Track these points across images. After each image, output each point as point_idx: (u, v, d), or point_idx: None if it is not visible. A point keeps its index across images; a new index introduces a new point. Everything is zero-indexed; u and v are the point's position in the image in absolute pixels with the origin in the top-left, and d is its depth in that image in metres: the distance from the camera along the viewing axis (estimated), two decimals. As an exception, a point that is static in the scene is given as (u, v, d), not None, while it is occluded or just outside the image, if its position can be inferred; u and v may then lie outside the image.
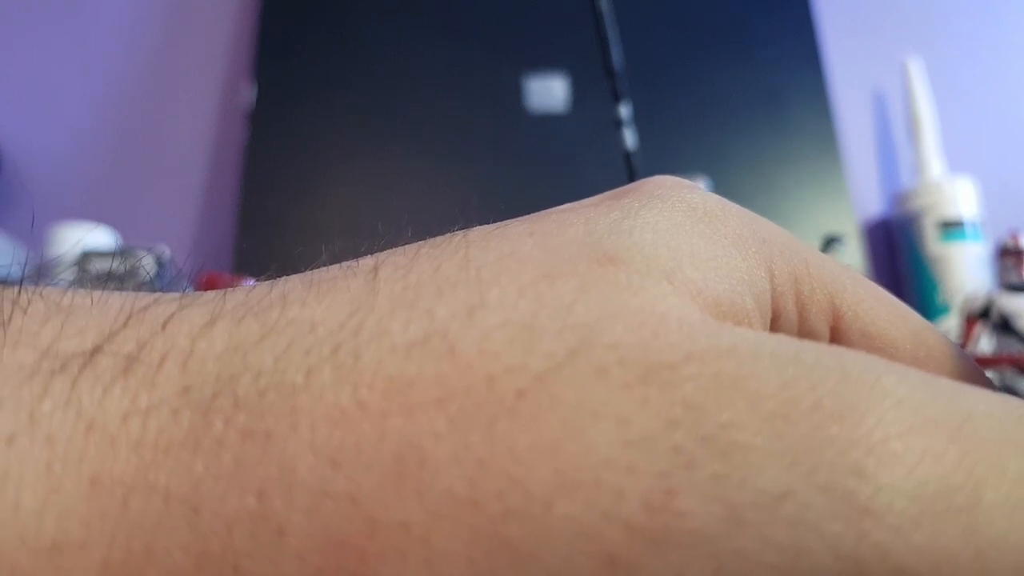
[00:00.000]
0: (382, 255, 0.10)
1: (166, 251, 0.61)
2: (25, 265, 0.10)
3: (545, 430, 0.08)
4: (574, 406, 0.08)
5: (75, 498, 0.07)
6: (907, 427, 0.08)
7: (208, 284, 0.54)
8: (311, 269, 0.10)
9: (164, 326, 0.09)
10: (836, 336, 0.12)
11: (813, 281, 0.12)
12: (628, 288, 0.09)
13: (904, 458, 0.07)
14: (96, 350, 0.08)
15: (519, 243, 0.09)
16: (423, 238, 0.11)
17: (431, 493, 0.07)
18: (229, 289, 0.09)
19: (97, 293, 0.09)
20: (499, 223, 0.10)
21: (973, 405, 0.08)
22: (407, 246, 0.10)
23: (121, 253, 0.58)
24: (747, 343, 0.08)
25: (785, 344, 0.08)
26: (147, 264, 0.54)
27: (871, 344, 0.12)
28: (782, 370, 0.08)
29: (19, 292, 0.09)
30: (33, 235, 0.68)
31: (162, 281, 0.55)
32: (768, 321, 0.11)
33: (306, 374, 0.08)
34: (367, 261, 0.10)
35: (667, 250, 0.09)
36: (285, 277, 0.10)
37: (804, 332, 0.12)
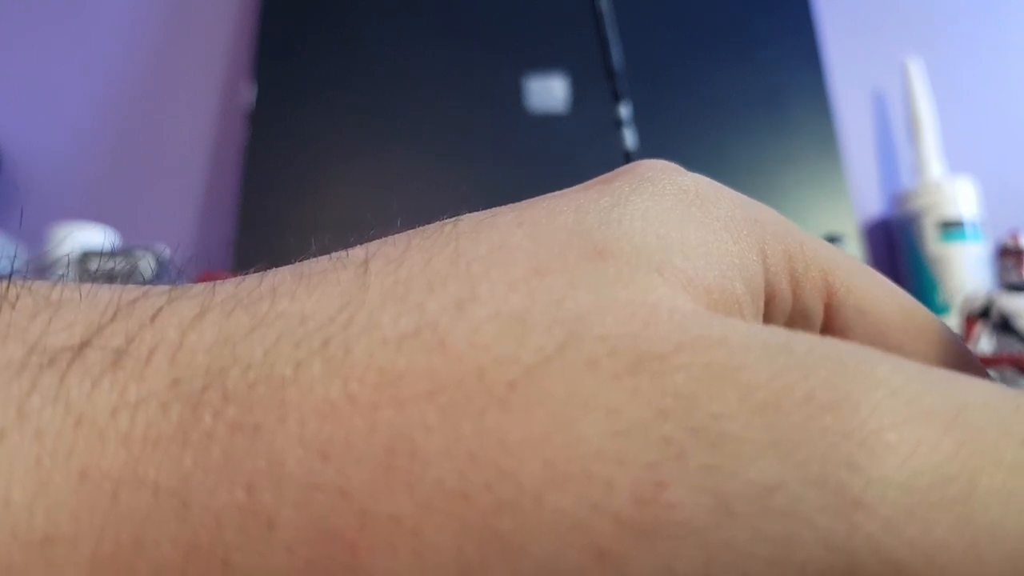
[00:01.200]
0: (372, 247, 0.10)
1: (166, 251, 0.61)
2: (14, 259, 0.09)
3: (535, 422, 0.08)
4: (564, 398, 0.08)
5: (65, 492, 0.07)
6: (901, 417, 0.08)
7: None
8: (300, 260, 0.10)
9: (153, 319, 0.08)
10: (830, 313, 0.12)
11: (807, 259, 0.12)
12: (618, 281, 0.09)
13: (898, 449, 0.07)
14: (84, 344, 0.08)
15: (508, 234, 0.09)
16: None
17: (422, 486, 0.07)
18: (218, 282, 0.09)
19: (86, 287, 0.09)
20: (489, 211, 0.10)
21: (969, 395, 0.08)
22: (397, 237, 0.10)
23: (121, 253, 0.58)
24: (738, 334, 0.08)
25: (777, 334, 0.08)
26: (147, 264, 0.54)
27: (864, 319, 0.12)
28: (773, 360, 0.08)
29: (7, 287, 0.09)
30: (33, 235, 0.68)
31: (162, 281, 0.55)
32: (760, 305, 0.11)
33: (295, 367, 0.08)
34: (357, 253, 0.10)
35: (656, 239, 0.09)
36: (275, 269, 0.10)
37: (798, 310, 0.12)
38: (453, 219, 0.10)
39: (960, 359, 0.13)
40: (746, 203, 0.11)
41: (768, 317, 0.11)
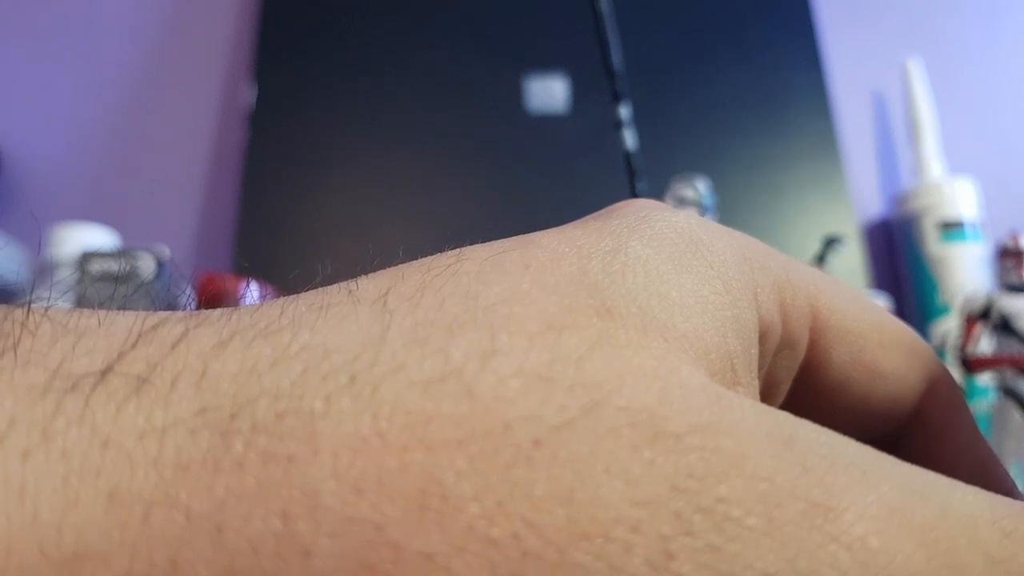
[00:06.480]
0: (382, 282, 0.10)
1: (166, 251, 0.61)
2: (32, 285, 0.10)
3: (560, 480, 0.08)
4: (587, 461, 0.08)
5: (94, 510, 0.07)
6: (885, 525, 0.08)
7: (207, 284, 0.54)
8: (308, 289, 0.10)
9: (174, 347, 0.09)
10: (815, 335, 0.13)
11: (794, 288, 0.12)
12: (628, 346, 0.09)
13: (878, 555, 0.08)
14: (107, 370, 0.08)
15: (517, 279, 0.10)
16: (420, 239, 0.11)
17: (454, 527, 0.08)
18: (234, 309, 0.10)
19: (103, 313, 0.09)
20: (490, 247, 0.11)
21: (950, 504, 0.09)
22: (405, 271, 0.10)
23: (121, 253, 0.58)
24: (746, 421, 0.09)
25: (781, 425, 0.09)
26: (147, 264, 0.54)
27: (845, 338, 0.13)
28: (777, 454, 0.09)
29: (27, 314, 0.09)
30: (33, 236, 0.68)
31: (162, 281, 0.55)
32: (753, 351, 0.11)
33: (325, 400, 0.08)
34: (369, 288, 0.10)
35: (659, 300, 0.10)
36: (289, 299, 0.10)
37: (786, 338, 0.12)
38: (456, 253, 0.11)
39: (931, 370, 0.14)
40: (735, 241, 0.12)
41: (760, 353, 0.12)
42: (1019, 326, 0.53)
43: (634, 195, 0.46)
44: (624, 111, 0.47)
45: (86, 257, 0.55)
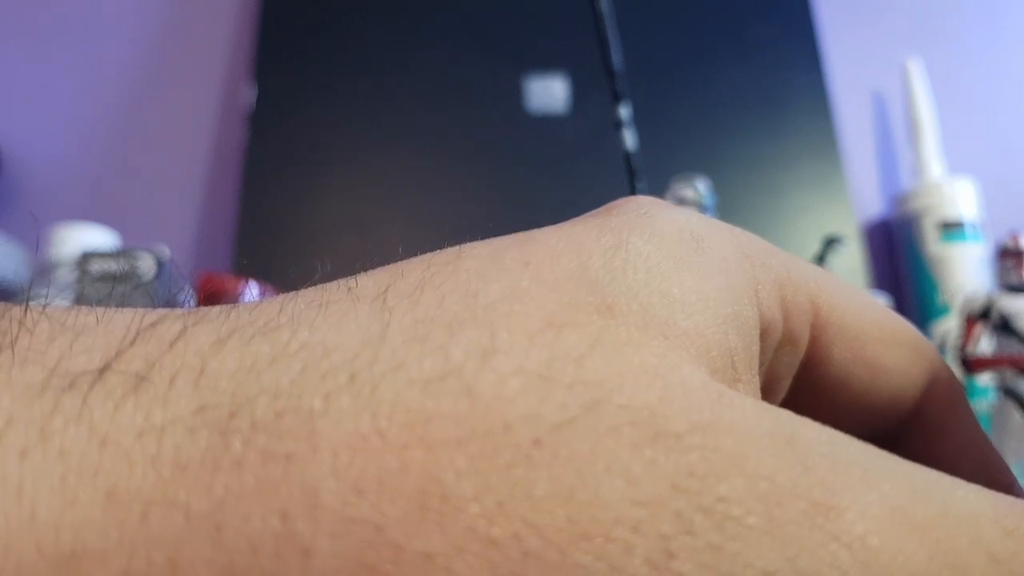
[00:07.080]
0: (382, 279, 0.10)
1: (166, 251, 0.61)
2: (30, 283, 0.10)
3: (561, 479, 0.08)
4: (588, 460, 0.08)
5: (92, 510, 0.07)
6: (886, 524, 0.08)
7: (207, 284, 0.54)
8: (308, 287, 0.10)
9: (172, 345, 0.09)
10: (815, 332, 0.13)
11: (795, 285, 0.12)
12: (629, 344, 0.09)
13: (879, 554, 0.08)
14: (105, 368, 0.08)
15: (517, 276, 0.10)
16: (419, 239, 0.11)
17: (454, 527, 0.08)
18: (232, 306, 0.10)
19: (101, 311, 0.09)
20: (490, 244, 0.11)
21: (951, 502, 0.09)
22: (405, 268, 0.10)
23: (121, 253, 0.58)
24: (747, 420, 0.09)
25: (782, 424, 0.09)
26: (147, 264, 0.54)
27: (845, 335, 0.13)
28: (778, 453, 0.09)
29: (25, 312, 0.09)
30: (33, 236, 0.68)
31: (162, 281, 0.55)
32: (754, 348, 0.11)
33: (324, 399, 0.08)
34: (369, 285, 0.10)
35: (660, 297, 0.10)
36: (288, 296, 0.10)
37: (787, 335, 0.12)
38: (456, 250, 0.11)
39: (933, 367, 0.14)
40: (736, 238, 0.12)
41: (761, 350, 0.12)
42: (1019, 326, 0.53)
43: (634, 195, 0.46)
44: (624, 111, 0.47)
45: (86, 257, 0.55)
